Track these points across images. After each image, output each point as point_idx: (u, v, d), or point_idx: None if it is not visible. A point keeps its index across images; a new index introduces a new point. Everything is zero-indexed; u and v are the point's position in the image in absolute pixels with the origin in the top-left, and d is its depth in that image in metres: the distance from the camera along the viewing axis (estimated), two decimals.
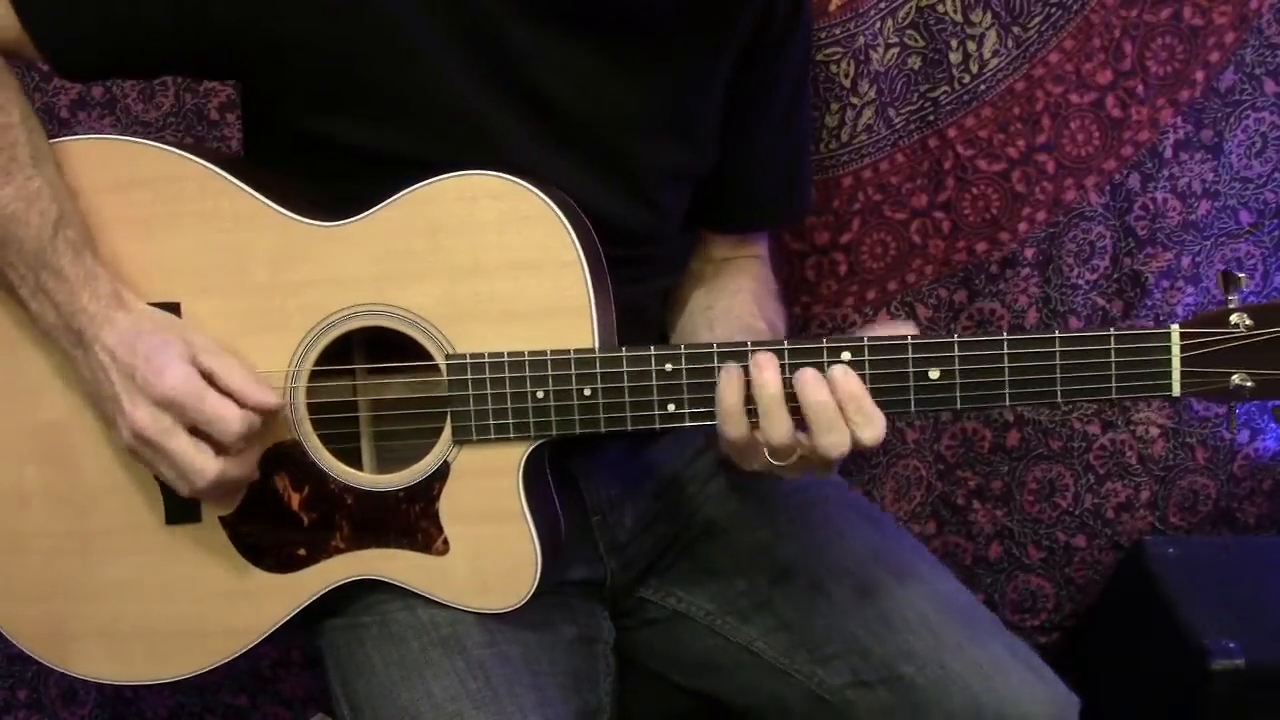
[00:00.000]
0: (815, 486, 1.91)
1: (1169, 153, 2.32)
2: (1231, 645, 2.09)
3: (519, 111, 1.64)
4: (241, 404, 1.57)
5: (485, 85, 1.62)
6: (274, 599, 1.71)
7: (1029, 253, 2.37)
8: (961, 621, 1.74)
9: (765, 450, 1.54)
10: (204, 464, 1.56)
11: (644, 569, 1.90)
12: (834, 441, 1.50)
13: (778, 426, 1.51)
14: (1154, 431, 2.45)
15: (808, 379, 1.50)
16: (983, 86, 2.31)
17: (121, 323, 1.58)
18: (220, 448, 1.57)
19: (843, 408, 1.50)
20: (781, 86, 1.86)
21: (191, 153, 1.65)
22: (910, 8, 2.27)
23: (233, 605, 1.72)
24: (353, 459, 1.68)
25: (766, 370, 1.51)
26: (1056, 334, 1.50)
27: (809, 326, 2.42)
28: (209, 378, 1.57)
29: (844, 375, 1.50)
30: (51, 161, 1.62)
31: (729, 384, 1.52)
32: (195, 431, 1.57)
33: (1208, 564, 2.35)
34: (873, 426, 1.50)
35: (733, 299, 1.89)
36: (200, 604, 1.72)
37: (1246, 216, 2.36)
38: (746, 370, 1.52)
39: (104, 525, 1.72)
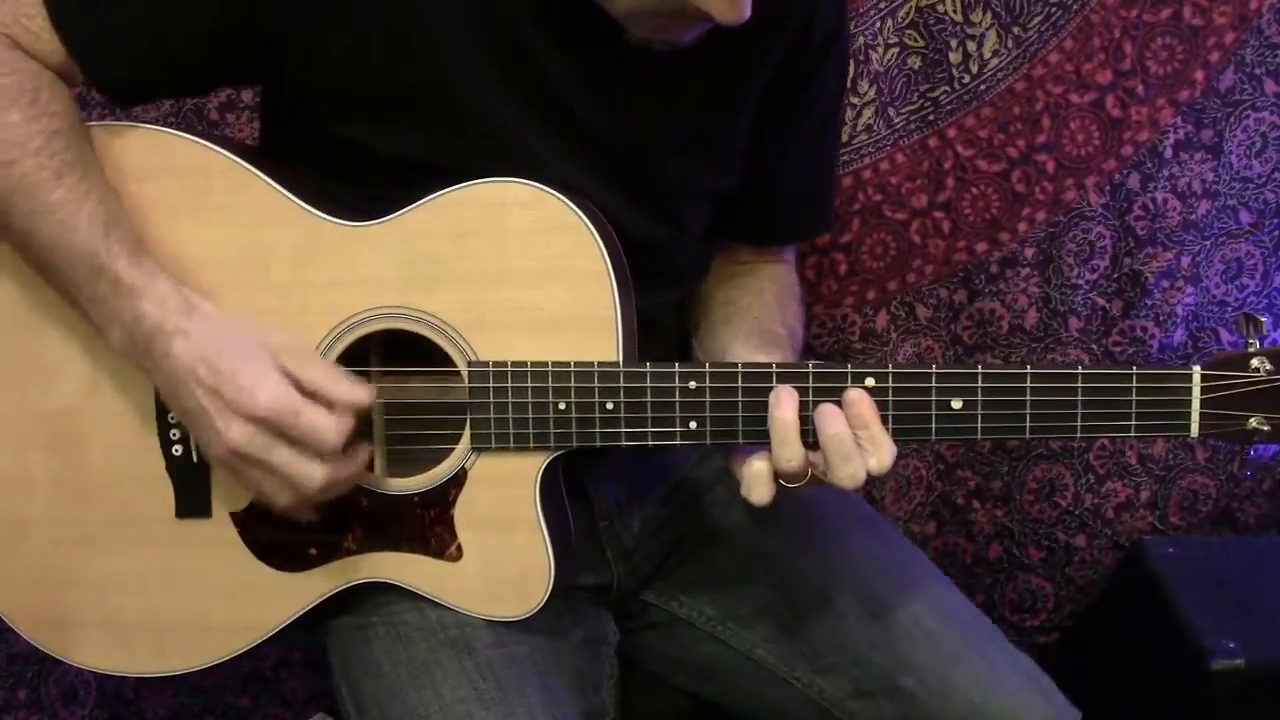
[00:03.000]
0: (819, 495, 1.91)
1: (1169, 153, 2.33)
2: (1231, 645, 2.10)
3: (545, 125, 1.63)
4: (332, 405, 1.55)
5: (514, 99, 1.62)
6: (281, 598, 1.70)
7: (1029, 253, 2.38)
8: (963, 632, 1.74)
9: (780, 476, 1.55)
10: (311, 472, 1.54)
11: (649, 573, 1.90)
12: (850, 472, 1.50)
13: (789, 452, 1.52)
14: None
15: (826, 413, 1.51)
16: (983, 86, 2.31)
17: (194, 332, 1.55)
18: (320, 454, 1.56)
19: (854, 433, 1.51)
20: (815, 110, 1.85)
21: (220, 145, 1.64)
22: (910, 8, 2.28)
23: (239, 602, 1.71)
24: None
25: (784, 402, 1.52)
26: (1080, 370, 1.51)
27: (809, 326, 2.41)
28: (294, 381, 1.54)
29: (859, 399, 1.51)
30: (98, 167, 1.61)
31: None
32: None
33: (1208, 564, 2.36)
34: (879, 455, 1.51)
35: (753, 299, 1.88)
36: (206, 599, 1.71)
37: (1246, 216, 2.37)
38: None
39: (111, 516, 1.70)
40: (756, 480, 1.55)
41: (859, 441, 1.50)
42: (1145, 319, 2.39)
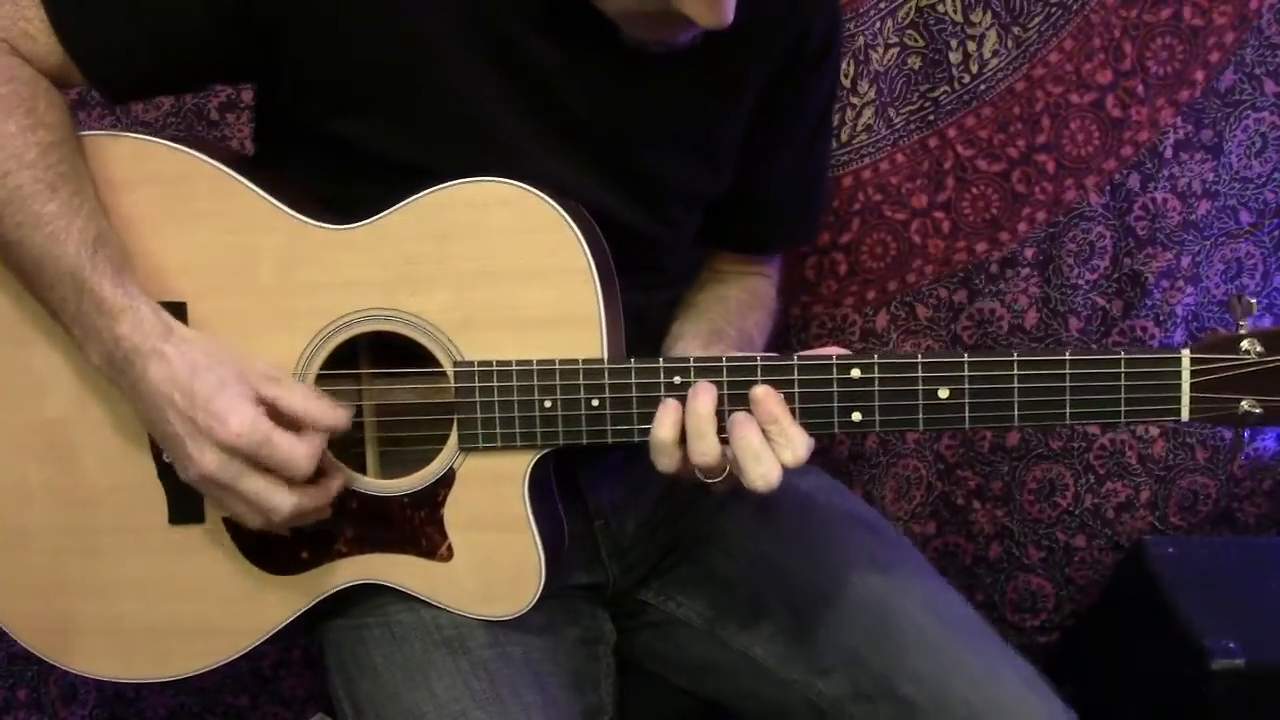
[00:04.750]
0: (817, 494, 1.92)
1: (1169, 153, 2.33)
2: (1231, 645, 2.09)
3: (538, 124, 1.64)
4: (312, 427, 1.55)
5: (507, 98, 1.63)
6: (276, 601, 1.70)
7: (1029, 253, 2.37)
8: (962, 635, 1.74)
9: (697, 470, 1.55)
10: (279, 501, 1.54)
11: (645, 573, 1.90)
12: (761, 472, 1.50)
13: (703, 445, 1.52)
14: (1154, 431, 2.46)
15: (736, 418, 1.51)
16: (983, 86, 2.31)
17: (171, 356, 1.55)
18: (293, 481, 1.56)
19: (764, 429, 1.50)
20: (806, 117, 1.86)
21: (202, 151, 1.64)
22: (910, 8, 2.28)
23: (235, 606, 1.71)
24: (357, 463, 1.67)
25: (701, 396, 1.52)
26: (1067, 356, 1.50)
27: (809, 326, 2.42)
28: (271, 407, 1.54)
29: (764, 396, 1.51)
30: (91, 181, 1.61)
31: (664, 418, 1.54)
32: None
33: (1208, 564, 2.35)
34: (793, 448, 1.50)
35: (714, 304, 1.89)
36: (203, 604, 1.71)
37: (1246, 216, 2.36)
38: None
39: (107, 523, 1.71)
40: (660, 451, 1.56)
41: (770, 437, 1.50)
42: (1145, 319, 2.39)
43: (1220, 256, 2.38)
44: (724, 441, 1.53)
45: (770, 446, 1.50)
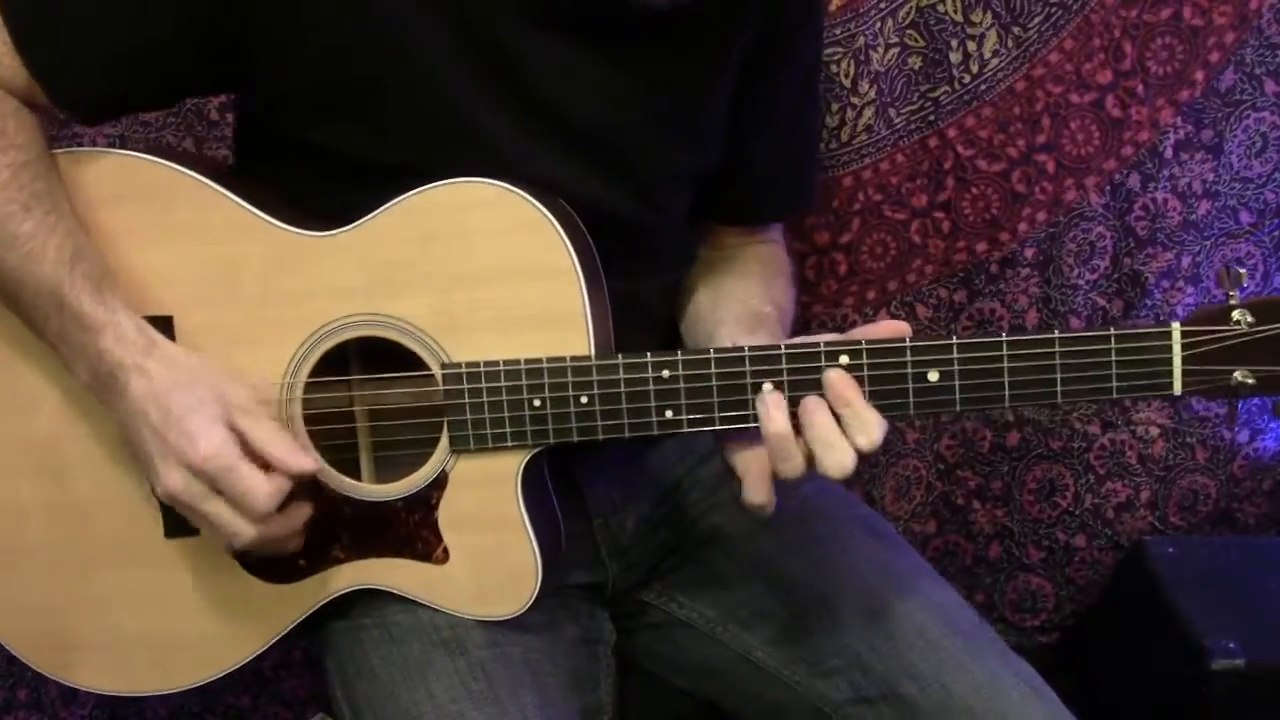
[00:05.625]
0: (820, 497, 1.90)
1: (1169, 153, 2.32)
2: (1231, 645, 2.09)
3: (521, 117, 1.63)
4: (277, 468, 1.54)
5: (487, 92, 1.62)
6: (275, 610, 1.71)
7: (1029, 253, 2.37)
8: (964, 639, 1.73)
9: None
10: (240, 529, 1.55)
11: (646, 573, 1.90)
12: (836, 460, 1.48)
13: (790, 463, 1.50)
14: (1154, 431, 2.45)
15: (807, 404, 1.50)
16: (983, 86, 2.31)
17: (153, 372, 1.55)
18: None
19: (837, 414, 1.49)
20: (790, 85, 1.86)
21: (182, 164, 1.63)
22: (910, 8, 2.28)
23: (234, 616, 1.72)
24: (351, 469, 1.67)
25: (774, 415, 1.50)
26: (1056, 334, 1.48)
27: (809, 326, 2.42)
28: (242, 438, 1.54)
29: (837, 379, 1.50)
30: (65, 198, 1.61)
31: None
32: None
33: (1208, 564, 2.35)
34: (868, 432, 1.48)
35: (739, 282, 1.89)
36: (201, 615, 1.72)
37: (1246, 216, 2.36)
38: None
39: (102, 538, 1.71)
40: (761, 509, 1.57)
41: (844, 422, 1.49)
42: (1145, 319, 2.38)
43: (1220, 256, 2.37)
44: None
45: (844, 431, 1.49)
